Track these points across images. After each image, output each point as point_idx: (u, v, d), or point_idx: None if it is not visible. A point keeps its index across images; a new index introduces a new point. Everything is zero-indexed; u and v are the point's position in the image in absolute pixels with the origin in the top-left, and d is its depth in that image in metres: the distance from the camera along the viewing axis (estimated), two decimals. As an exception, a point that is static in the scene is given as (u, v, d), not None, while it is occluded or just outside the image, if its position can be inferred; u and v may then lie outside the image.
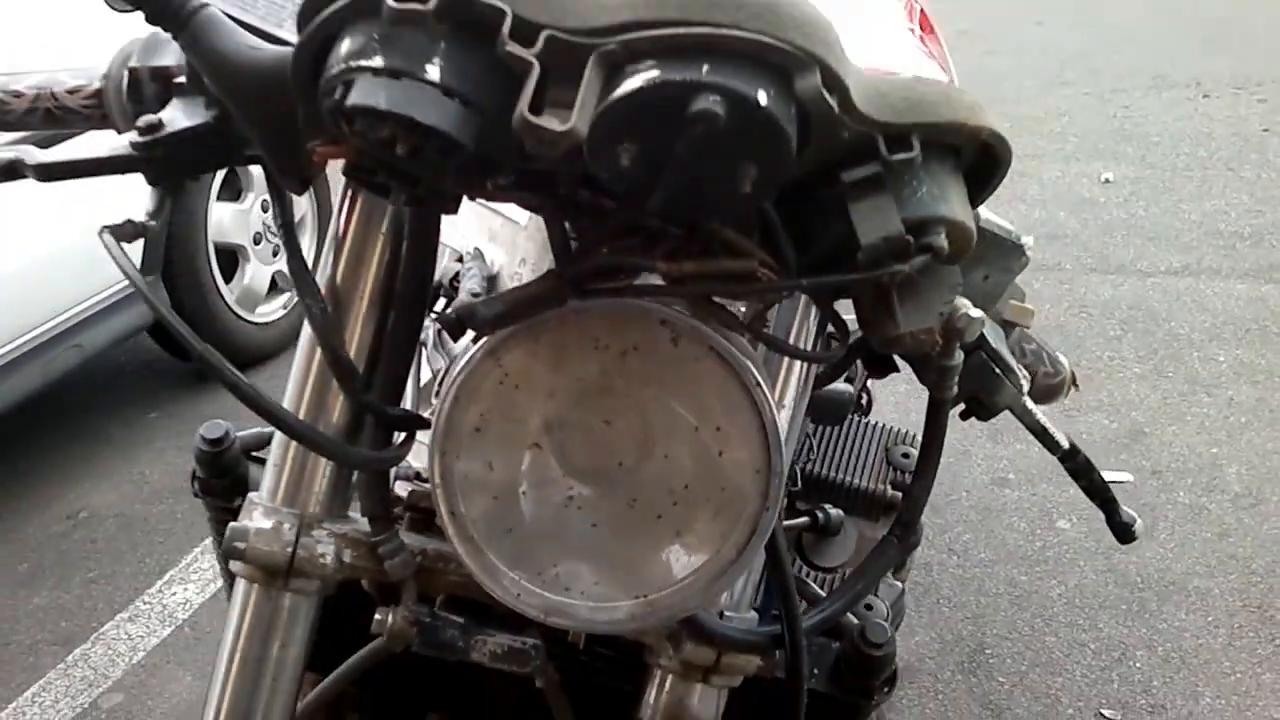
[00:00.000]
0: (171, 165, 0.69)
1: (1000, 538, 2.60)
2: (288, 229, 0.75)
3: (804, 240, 0.62)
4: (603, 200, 0.60)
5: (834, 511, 1.16)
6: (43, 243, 2.52)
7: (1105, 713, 2.14)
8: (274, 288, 3.34)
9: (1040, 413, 0.96)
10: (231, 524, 0.78)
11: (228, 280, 3.10)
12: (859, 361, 1.09)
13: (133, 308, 2.81)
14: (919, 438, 0.87)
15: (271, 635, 0.80)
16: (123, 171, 0.70)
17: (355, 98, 0.53)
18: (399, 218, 0.74)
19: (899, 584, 1.11)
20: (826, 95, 0.55)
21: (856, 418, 1.33)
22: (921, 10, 1.45)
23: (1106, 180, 4.59)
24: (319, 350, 0.76)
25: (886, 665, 0.89)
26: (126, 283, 2.67)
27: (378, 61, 0.53)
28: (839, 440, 1.27)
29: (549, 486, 0.70)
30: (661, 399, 0.68)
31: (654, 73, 0.53)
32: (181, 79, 0.71)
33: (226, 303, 3.11)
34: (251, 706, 0.80)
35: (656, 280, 0.62)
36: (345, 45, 0.55)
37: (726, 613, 0.81)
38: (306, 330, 0.78)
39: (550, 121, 0.52)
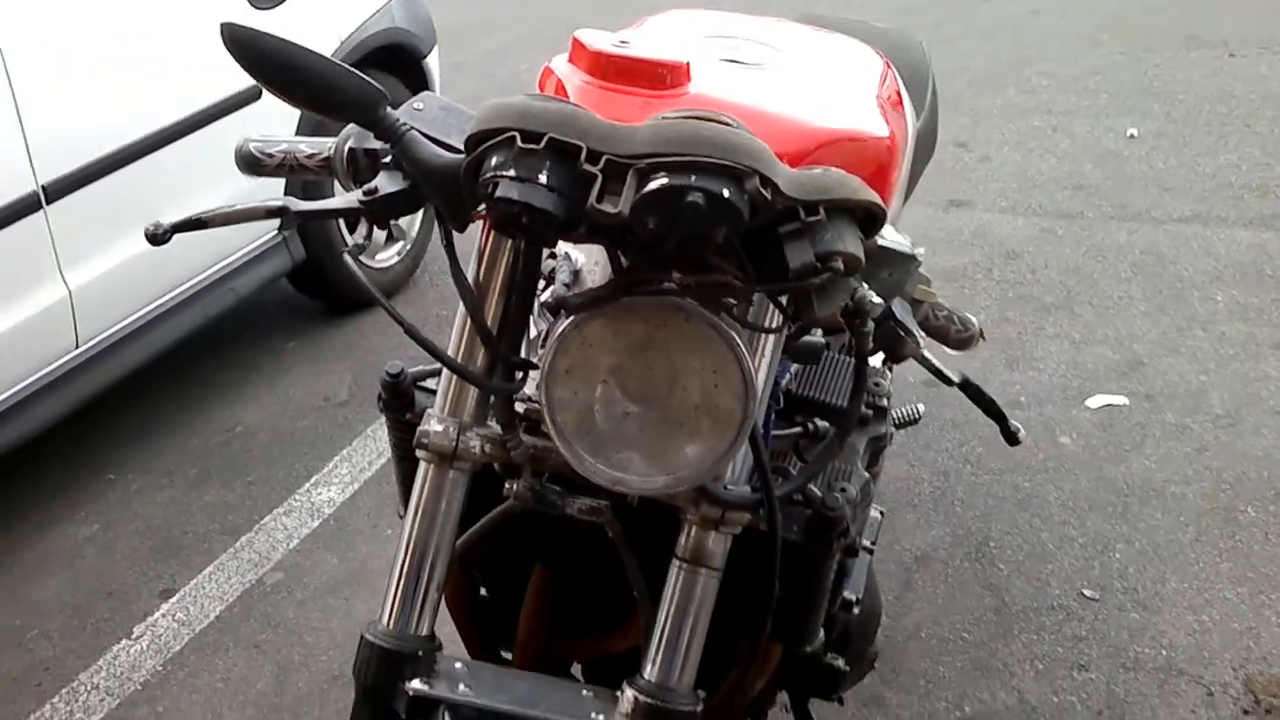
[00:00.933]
0: (384, 213, 1.14)
1: (1008, 451, 3.00)
2: (450, 250, 1.15)
3: (760, 265, 1.02)
4: (640, 241, 1.03)
5: (821, 423, 1.52)
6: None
7: (1086, 592, 2.59)
8: (390, 238, 3.83)
9: (935, 358, 1.33)
10: (419, 427, 1.21)
11: (351, 232, 3.59)
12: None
13: (275, 257, 3.31)
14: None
15: (439, 499, 1.21)
16: (352, 217, 1.17)
17: (501, 192, 0.97)
18: (518, 245, 1.17)
19: (866, 474, 1.48)
20: (762, 189, 0.96)
21: (843, 357, 1.72)
22: (895, 80, 1.79)
23: (1132, 135, 4.95)
24: (469, 321, 1.19)
25: (839, 524, 1.30)
26: (271, 236, 3.17)
27: (511, 172, 0.97)
28: (829, 373, 1.61)
29: (612, 405, 1.10)
30: (681, 355, 1.08)
31: (664, 180, 0.95)
32: (387, 159, 1.15)
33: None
34: (427, 546, 1.22)
35: (673, 286, 1.05)
36: (493, 160, 0.99)
37: (729, 486, 1.18)
38: (461, 309, 1.20)
39: (607, 206, 0.96)
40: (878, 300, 1.08)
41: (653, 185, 0.96)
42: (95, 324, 2.72)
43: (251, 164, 1.30)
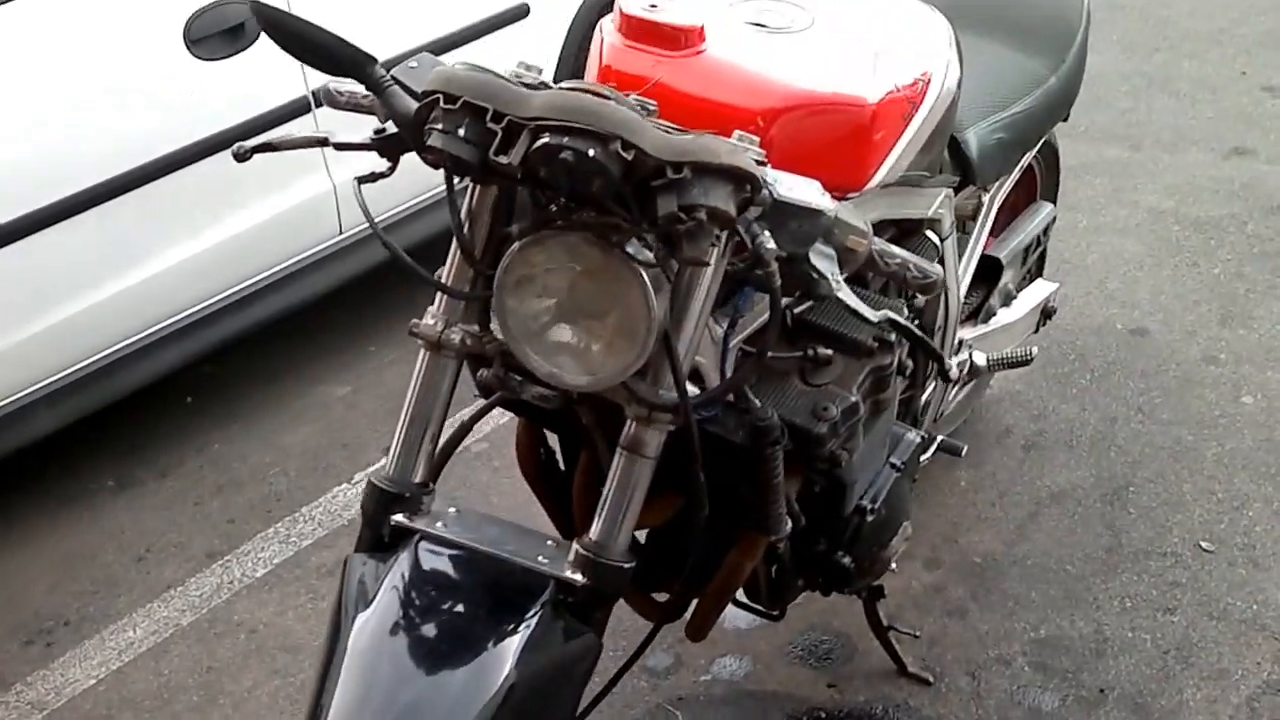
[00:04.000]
0: (387, 149, 1.49)
1: (1186, 404, 3.08)
2: (449, 185, 1.37)
3: (645, 211, 1.27)
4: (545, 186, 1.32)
5: (823, 351, 1.68)
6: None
7: (1203, 544, 2.67)
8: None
9: (850, 298, 1.42)
10: (413, 323, 1.53)
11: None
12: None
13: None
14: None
15: (432, 377, 1.51)
16: (366, 149, 1.52)
17: (430, 140, 1.29)
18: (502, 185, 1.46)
19: (853, 397, 1.67)
20: (622, 150, 1.22)
21: (868, 292, 1.89)
22: (944, 46, 1.87)
23: (1243, 73, 4.77)
24: (459, 247, 1.46)
25: (770, 431, 1.55)
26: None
27: (439, 125, 1.29)
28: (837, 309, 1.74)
29: (548, 316, 1.37)
30: (600, 281, 1.35)
31: (545, 139, 1.23)
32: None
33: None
34: (423, 413, 1.52)
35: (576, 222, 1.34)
36: (429, 114, 1.29)
37: (661, 391, 1.40)
38: (454, 243, 1.51)
39: (501, 158, 1.26)
40: (772, 246, 1.25)
41: (536, 143, 1.23)
42: (354, 215, 3.24)
43: (330, 100, 1.69)
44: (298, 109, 3.06)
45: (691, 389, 1.65)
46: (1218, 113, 4.49)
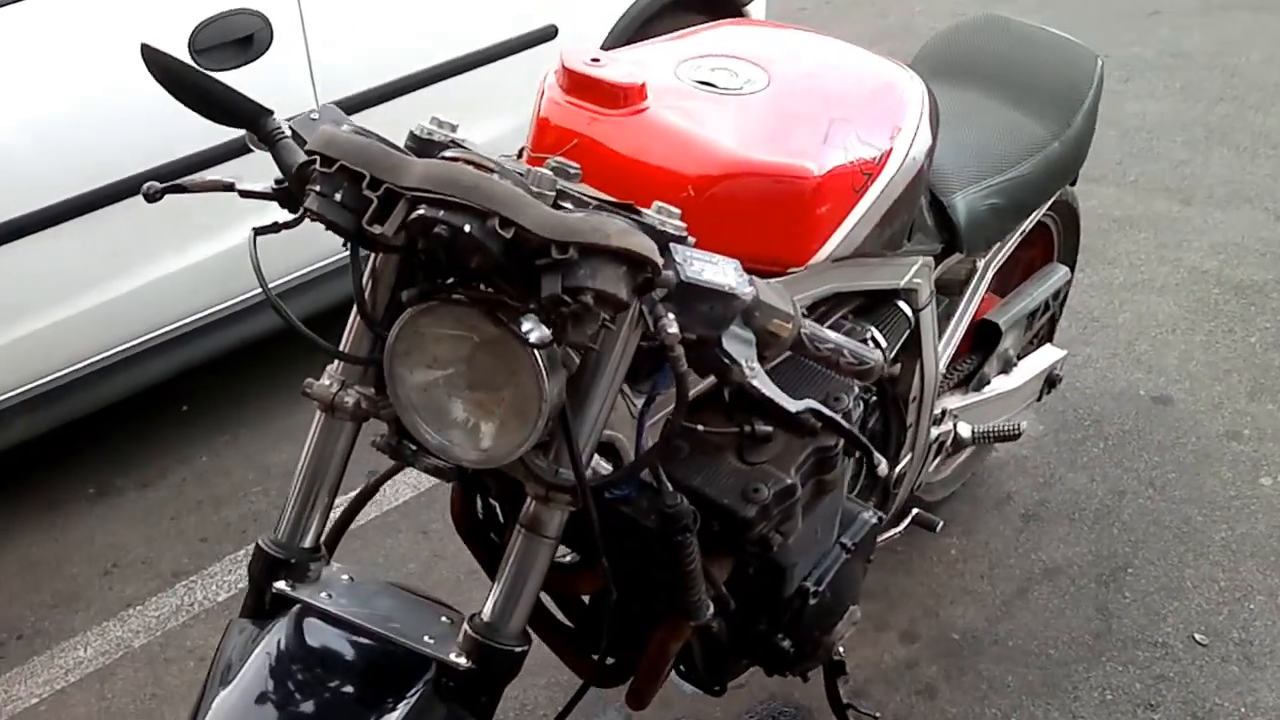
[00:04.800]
0: (287, 200, 1.42)
1: (1201, 482, 2.94)
2: (353, 251, 1.32)
3: (533, 290, 1.18)
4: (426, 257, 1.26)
5: (761, 427, 1.59)
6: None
7: (1197, 636, 2.53)
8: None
9: (766, 387, 1.35)
10: (307, 382, 1.46)
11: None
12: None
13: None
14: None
15: (325, 439, 1.44)
16: (268, 199, 1.45)
17: (306, 202, 1.22)
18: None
19: (789, 479, 1.58)
20: (500, 228, 1.15)
21: (817, 367, 1.78)
22: (914, 113, 1.78)
23: None
24: (357, 308, 1.39)
25: (680, 518, 1.47)
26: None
27: (318, 189, 1.22)
28: (797, 378, 1.68)
29: (438, 388, 1.29)
30: (493, 354, 1.28)
31: (420, 211, 1.16)
32: None
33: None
34: (316, 477, 1.45)
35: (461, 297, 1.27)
36: (309, 174, 1.23)
37: (561, 470, 1.32)
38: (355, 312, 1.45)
39: (375, 227, 1.19)
40: (673, 330, 1.19)
41: (412, 215, 1.17)
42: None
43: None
44: (304, 122, 3.02)
45: (604, 466, 1.58)
46: (1277, 170, 4.31)
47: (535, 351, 1.24)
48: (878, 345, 1.92)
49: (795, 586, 1.78)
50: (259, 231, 1.42)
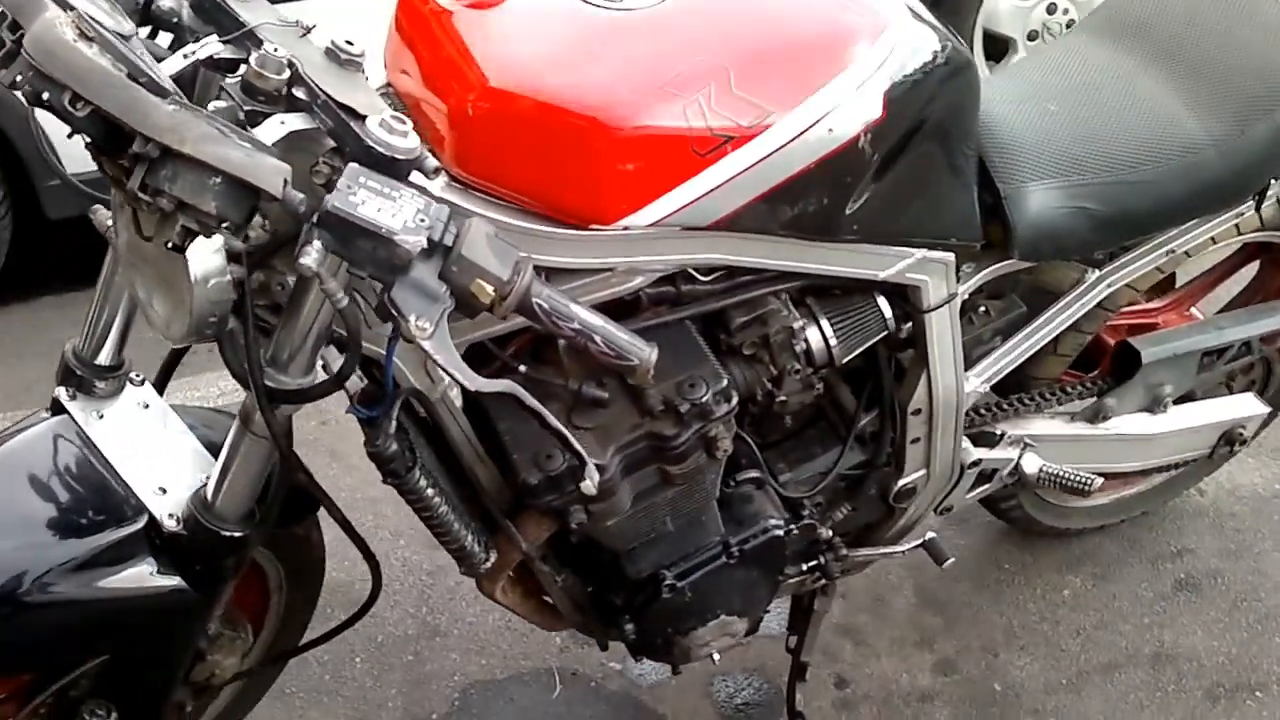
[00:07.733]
0: None
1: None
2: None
3: None
4: None
5: (593, 390, 1.46)
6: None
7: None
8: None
9: (440, 352, 1.18)
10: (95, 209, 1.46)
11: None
12: None
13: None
14: None
15: (116, 266, 1.46)
16: None
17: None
18: None
19: (600, 458, 1.42)
20: (70, 105, 1.03)
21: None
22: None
23: None
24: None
25: (384, 460, 1.36)
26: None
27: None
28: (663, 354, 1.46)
29: (137, 255, 1.29)
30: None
31: (28, 74, 1.05)
32: None
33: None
34: (112, 304, 1.51)
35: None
36: None
37: (283, 377, 1.27)
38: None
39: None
40: (308, 261, 1.07)
41: (18, 77, 1.08)
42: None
43: None
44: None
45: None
46: None
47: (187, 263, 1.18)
48: (825, 340, 1.62)
49: (647, 573, 1.64)
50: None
